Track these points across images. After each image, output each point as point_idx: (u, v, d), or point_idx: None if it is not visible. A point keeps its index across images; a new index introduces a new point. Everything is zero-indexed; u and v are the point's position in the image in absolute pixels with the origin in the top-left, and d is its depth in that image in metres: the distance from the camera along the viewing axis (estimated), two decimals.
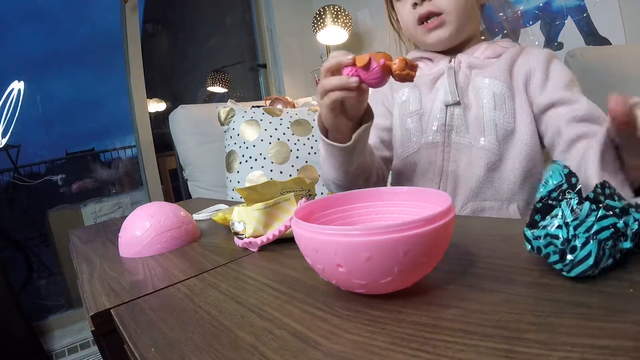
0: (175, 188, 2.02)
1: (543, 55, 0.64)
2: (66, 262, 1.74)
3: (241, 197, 0.50)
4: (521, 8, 1.36)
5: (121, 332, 0.31)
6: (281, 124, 1.24)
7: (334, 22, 1.73)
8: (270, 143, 1.20)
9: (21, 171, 1.82)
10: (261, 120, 1.24)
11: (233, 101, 1.34)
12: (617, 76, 1.01)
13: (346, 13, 1.76)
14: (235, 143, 1.23)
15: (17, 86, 1.75)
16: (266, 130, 1.22)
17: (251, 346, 0.25)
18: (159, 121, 2.03)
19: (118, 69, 1.82)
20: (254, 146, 1.20)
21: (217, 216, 0.59)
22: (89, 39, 2.15)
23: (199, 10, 2.65)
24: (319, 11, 1.75)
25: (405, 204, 0.36)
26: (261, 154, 1.19)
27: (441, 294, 0.28)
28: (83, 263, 0.55)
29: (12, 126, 1.74)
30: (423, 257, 0.26)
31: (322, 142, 0.57)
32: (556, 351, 0.19)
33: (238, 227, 0.49)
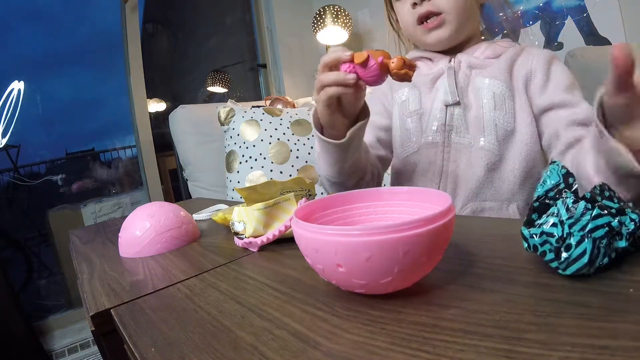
0: (175, 188, 2.02)
1: (544, 56, 0.64)
2: (66, 262, 1.74)
3: (241, 197, 0.50)
4: (521, 8, 1.36)
5: (121, 332, 0.31)
6: (281, 124, 1.24)
7: (334, 22, 1.73)
8: (270, 143, 1.20)
9: (21, 171, 1.82)
10: (261, 120, 1.24)
11: (233, 101, 1.34)
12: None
13: (346, 13, 1.76)
14: (235, 143, 1.23)
15: (17, 86, 1.75)
16: (266, 130, 1.22)
17: (251, 346, 0.25)
18: (159, 121, 2.03)
19: (118, 69, 1.82)
20: (254, 146, 1.20)
21: (217, 216, 0.59)
22: (89, 39, 2.15)
23: (199, 10, 2.65)
24: (319, 11, 1.75)
25: (405, 204, 0.36)
26: (261, 154, 1.19)
27: (441, 294, 0.28)
28: (83, 263, 0.55)
29: (12, 126, 1.75)
30: (423, 257, 0.26)
31: (317, 138, 0.57)
32: (556, 351, 0.19)
33: (238, 227, 0.49)
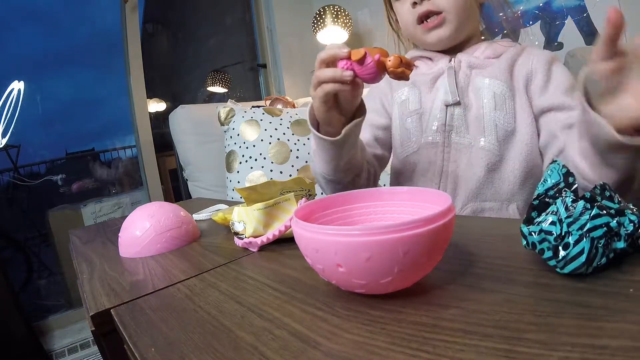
0: (175, 188, 2.02)
1: (545, 56, 0.64)
2: (66, 262, 1.74)
3: (241, 197, 0.50)
4: (521, 8, 1.36)
5: (121, 332, 0.31)
6: (281, 124, 1.24)
7: (334, 22, 1.73)
8: (270, 143, 1.20)
9: (21, 171, 1.82)
10: (261, 120, 1.24)
11: (233, 101, 1.34)
12: None
13: (346, 13, 1.76)
14: (235, 143, 1.23)
15: (17, 86, 1.75)
16: (266, 130, 1.22)
17: (251, 346, 0.25)
18: (159, 121, 2.03)
19: (118, 69, 1.83)
20: (254, 146, 1.20)
21: (217, 216, 0.59)
22: (89, 39, 2.15)
23: (199, 10, 2.65)
24: (319, 11, 1.75)
25: (405, 204, 0.36)
26: (261, 154, 1.19)
27: (441, 294, 0.28)
28: (83, 263, 0.55)
29: (12, 126, 1.75)
30: (423, 257, 0.26)
31: (313, 135, 0.56)
32: (556, 351, 0.19)
33: (238, 227, 0.49)
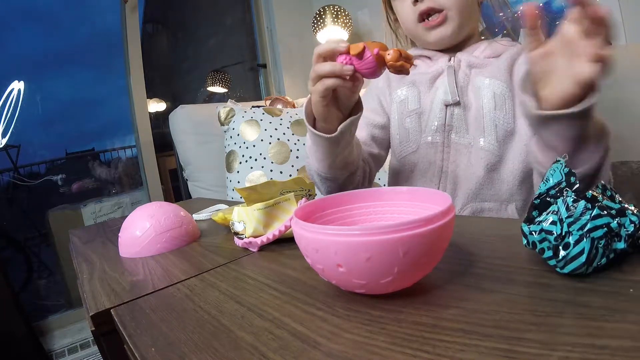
0: (175, 188, 2.02)
1: None
2: (66, 262, 1.74)
3: (241, 197, 0.50)
4: (521, 8, 1.36)
5: (121, 332, 0.31)
6: (281, 124, 1.24)
7: (334, 22, 1.73)
8: (270, 143, 1.20)
9: (21, 171, 1.82)
10: (261, 120, 1.24)
11: (233, 101, 1.34)
12: (617, 76, 1.01)
13: (346, 13, 1.75)
14: (235, 143, 1.23)
15: (17, 86, 1.75)
16: (266, 130, 1.22)
17: (251, 346, 0.25)
18: (159, 121, 2.03)
19: (118, 69, 1.83)
20: (254, 146, 1.20)
21: (217, 216, 0.59)
22: (89, 39, 2.15)
23: (199, 10, 2.65)
24: (319, 11, 1.75)
25: (405, 204, 0.36)
26: (261, 154, 1.19)
27: (441, 294, 0.28)
28: (83, 263, 0.55)
29: (12, 126, 1.75)
30: (423, 257, 0.26)
31: (309, 132, 0.56)
32: (556, 351, 0.19)
33: (238, 227, 0.49)
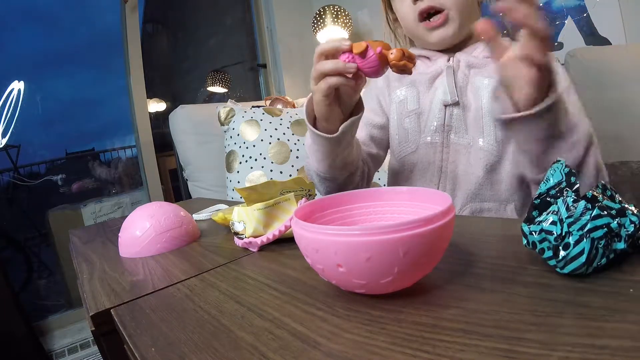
0: (175, 188, 2.02)
1: None
2: (66, 262, 1.74)
3: (241, 197, 0.50)
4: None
5: (121, 332, 0.31)
6: (281, 124, 1.24)
7: (334, 22, 1.73)
8: (270, 143, 1.20)
9: (21, 171, 1.82)
10: (261, 120, 1.24)
11: (233, 101, 1.34)
12: (617, 76, 1.01)
13: (346, 13, 1.76)
14: (235, 143, 1.23)
15: (17, 86, 1.75)
16: (266, 130, 1.22)
17: (251, 346, 0.25)
18: (159, 121, 2.03)
19: (118, 69, 1.83)
20: (254, 146, 1.20)
21: (217, 216, 0.59)
22: (89, 39, 2.15)
23: (199, 10, 2.65)
24: (319, 11, 1.75)
25: (405, 204, 0.36)
26: (261, 154, 1.19)
27: (441, 294, 0.28)
28: (83, 263, 0.55)
29: (12, 126, 1.75)
30: (423, 257, 0.26)
31: (309, 131, 0.56)
32: (556, 351, 0.19)
33: (238, 227, 0.49)
